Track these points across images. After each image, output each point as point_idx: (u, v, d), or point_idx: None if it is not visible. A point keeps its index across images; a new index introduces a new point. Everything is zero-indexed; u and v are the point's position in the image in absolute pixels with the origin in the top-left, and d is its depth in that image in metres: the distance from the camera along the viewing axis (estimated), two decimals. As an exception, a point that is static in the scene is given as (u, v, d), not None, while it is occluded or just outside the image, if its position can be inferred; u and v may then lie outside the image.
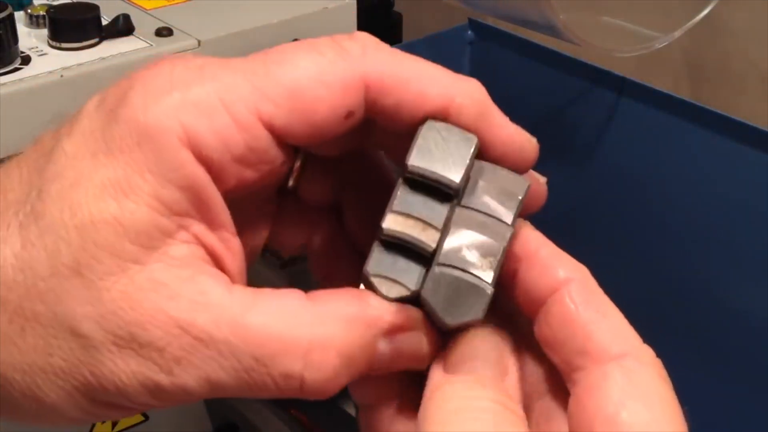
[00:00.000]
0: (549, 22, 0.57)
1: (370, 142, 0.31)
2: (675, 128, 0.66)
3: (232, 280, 0.27)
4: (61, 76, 0.56)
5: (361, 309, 0.27)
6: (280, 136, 0.27)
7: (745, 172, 0.64)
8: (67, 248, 0.26)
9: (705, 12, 0.63)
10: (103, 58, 0.58)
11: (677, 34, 0.64)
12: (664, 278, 0.74)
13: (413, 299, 0.28)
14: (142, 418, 0.84)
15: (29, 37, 0.59)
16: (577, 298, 0.27)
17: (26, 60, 0.56)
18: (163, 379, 0.26)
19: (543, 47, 0.66)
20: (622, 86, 0.68)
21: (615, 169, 0.67)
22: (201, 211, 0.27)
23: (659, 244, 0.72)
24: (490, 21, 0.70)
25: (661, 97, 0.66)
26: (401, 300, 0.28)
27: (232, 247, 0.28)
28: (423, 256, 0.28)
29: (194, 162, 0.26)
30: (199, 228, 0.27)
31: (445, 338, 0.28)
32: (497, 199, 0.28)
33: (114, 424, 0.83)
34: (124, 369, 0.26)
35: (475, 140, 0.28)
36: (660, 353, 0.27)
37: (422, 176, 0.28)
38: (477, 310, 0.27)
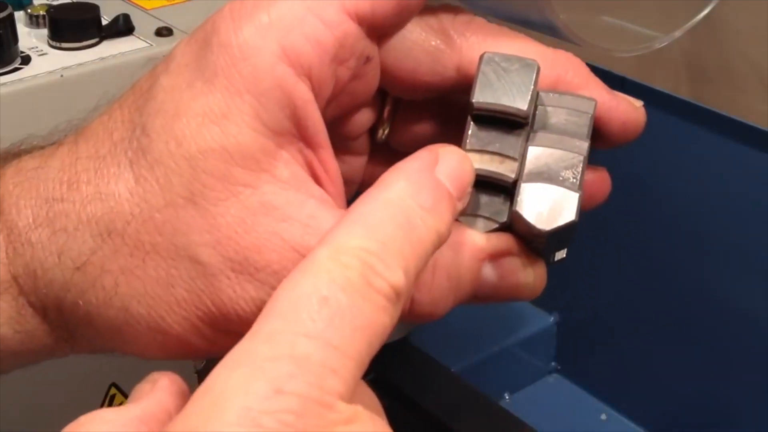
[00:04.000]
0: (549, 22, 0.57)
1: (457, 89, 0.31)
2: (675, 128, 0.66)
3: (334, 202, 0.28)
4: (61, 76, 0.56)
5: (465, 236, 0.28)
6: (368, 23, 0.28)
7: (745, 172, 0.64)
8: (179, 179, 0.26)
9: (705, 12, 0.63)
10: (103, 58, 0.58)
11: (677, 34, 0.64)
12: (664, 277, 0.74)
13: (503, 230, 0.29)
14: (142, 418, 0.84)
15: (29, 37, 0.59)
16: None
17: (26, 60, 0.56)
18: None
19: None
20: (622, 86, 0.68)
21: (615, 169, 0.67)
22: (301, 129, 0.27)
23: (659, 244, 0.72)
24: (490, 21, 0.70)
25: (661, 97, 0.66)
26: (492, 232, 0.28)
27: (330, 169, 0.28)
28: (503, 188, 0.28)
29: (293, 76, 0.27)
30: (299, 147, 0.27)
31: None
32: (568, 119, 0.29)
33: (114, 424, 0.83)
34: (243, 295, 0.26)
35: (535, 65, 0.28)
36: (660, 351, 0.27)
37: (489, 110, 0.28)
38: (570, 212, 0.27)
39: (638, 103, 0.31)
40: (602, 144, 0.31)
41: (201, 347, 0.28)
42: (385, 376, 0.73)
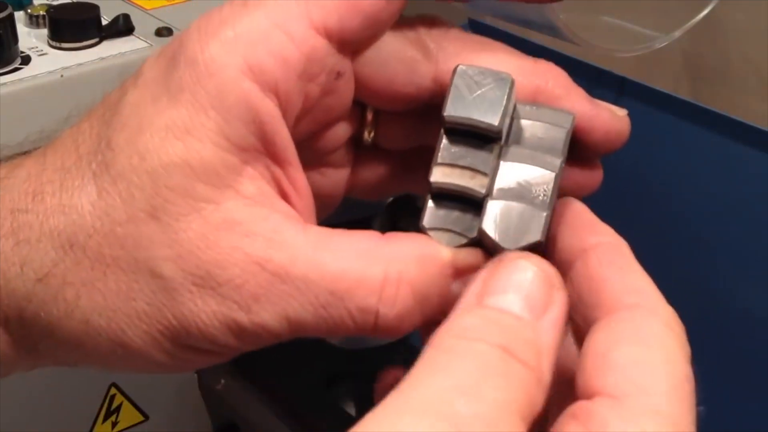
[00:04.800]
0: (549, 22, 0.57)
1: (435, 100, 0.30)
2: (675, 128, 0.66)
3: (302, 218, 0.28)
4: (61, 76, 0.56)
5: (435, 250, 0.27)
6: (337, 39, 0.27)
7: (745, 172, 0.64)
8: (141, 193, 0.26)
9: (705, 12, 0.63)
10: (103, 58, 0.58)
11: (677, 34, 0.64)
12: (664, 277, 0.74)
13: (473, 245, 0.28)
14: (142, 418, 0.84)
15: (29, 37, 0.59)
16: (603, 258, 0.26)
17: (26, 60, 0.56)
18: (242, 317, 0.26)
19: (543, 47, 0.66)
20: (622, 86, 0.68)
21: (615, 169, 0.67)
22: (267, 145, 0.27)
23: (659, 244, 0.72)
24: (490, 21, 0.70)
25: (661, 97, 0.66)
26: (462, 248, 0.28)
27: (299, 186, 0.28)
28: (476, 203, 0.28)
29: (258, 92, 0.26)
30: (266, 163, 0.27)
31: None
32: (545, 133, 0.28)
33: (114, 425, 0.83)
34: (204, 309, 0.26)
35: (509, 80, 0.28)
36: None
37: (460, 124, 0.28)
38: (535, 232, 0.27)
39: (621, 112, 0.31)
40: (586, 154, 0.31)
41: (163, 361, 0.28)
42: (385, 376, 0.73)
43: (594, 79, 0.66)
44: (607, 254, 0.27)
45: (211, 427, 0.88)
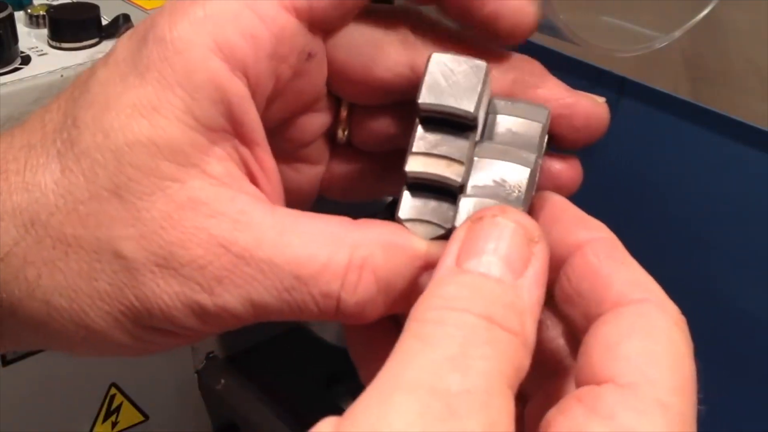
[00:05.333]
0: (549, 22, 0.57)
1: (412, 90, 0.30)
2: (675, 128, 0.66)
3: (270, 200, 0.27)
4: (62, 76, 0.56)
5: (406, 240, 0.27)
6: (308, 18, 0.27)
7: (745, 172, 0.64)
8: (104, 171, 0.26)
9: (705, 12, 0.63)
10: (103, 58, 0.58)
11: (677, 34, 0.64)
12: (664, 277, 0.74)
13: (449, 236, 0.27)
14: (142, 418, 0.84)
15: (29, 37, 0.59)
16: (600, 253, 0.26)
17: (26, 60, 0.56)
18: (205, 299, 0.26)
19: (543, 47, 0.66)
20: (622, 86, 0.68)
21: (615, 169, 0.67)
22: (236, 126, 0.27)
23: (659, 244, 0.72)
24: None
25: (661, 97, 0.66)
26: (438, 239, 0.27)
27: (267, 168, 0.28)
28: (452, 193, 0.27)
29: (227, 72, 0.26)
30: (234, 144, 0.27)
31: None
32: (520, 129, 0.28)
33: (114, 425, 0.83)
34: (166, 290, 0.26)
35: (484, 66, 0.27)
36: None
37: (435, 112, 0.27)
38: None
39: (600, 99, 0.31)
40: (568, 144, 0.30)
41: (126, 343, 0.27)
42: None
43: (594, 79, 0.66)
44: (604, 249, 0.26)
45: (211, 427, 0.88)
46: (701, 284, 0.70)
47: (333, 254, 0.26)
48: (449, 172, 0.27)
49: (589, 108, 0.30)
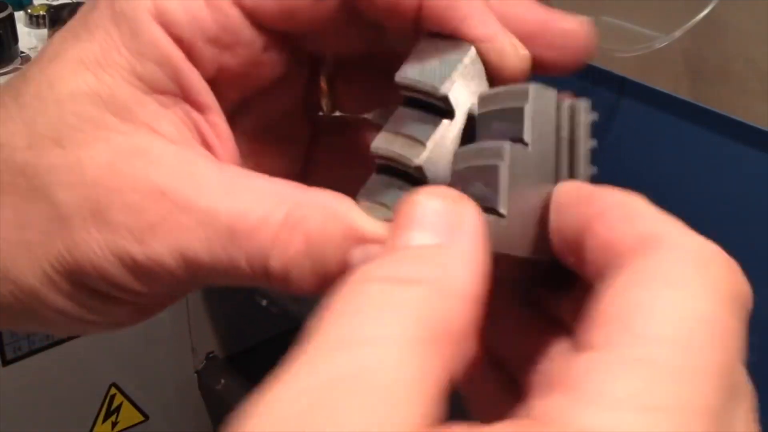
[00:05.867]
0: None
1: (388, 47, 0.29)
2: (675, 128, 0.66)
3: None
4: (61, 76, 0.56)
5: (347, 210, 0.25)
6: (252, 15, 0.27)
7: (745, 172, 0.64)
8: (45, 119, 0.26)
9: (705, 12, 0.63)
10: (103, 58, 0.58)
11: (677, 34, 0.64)
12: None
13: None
14: (142, 418, 0.84)
15: (29, 37, 0.59)
16: (613, 219, 0.23)
17: (26, 60, 0.57)
18: (135, 248, 0.25)
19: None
20: (622, 86, 0.68)
21: (615, 169, 0.67)
22: (184, 90, 0.26)
23: (659, 244, 0.72)
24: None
25: (661, 97, 0.66)
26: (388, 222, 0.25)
27: (220, 132, 0.27)
28: (420, 181, 0.25)
29: (168, 39, 0.26)
30: (186, 110, 0.27)
31: None
32: (500, 122, 0.26)
33: (114, 425, 0.83)
34: (96, 238, 0.25)
35: (469, 48, 0.26)
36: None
37: (407, 88, 0.26)
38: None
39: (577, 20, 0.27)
40: (549, 67, 0.28)
41: (65, 308, 0.26)
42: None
43: (594, 79, 0.66)
44: (616, 213, 0.23)
45: (211, 427, 0.88)
46: (701, 284, 0.70)
47: (270, 211, 0.25)
48: (408, 152, 0.25)
49: (565, 25, 0.27)
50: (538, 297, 0.27)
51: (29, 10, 0.60)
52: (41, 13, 0.60)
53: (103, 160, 0.25)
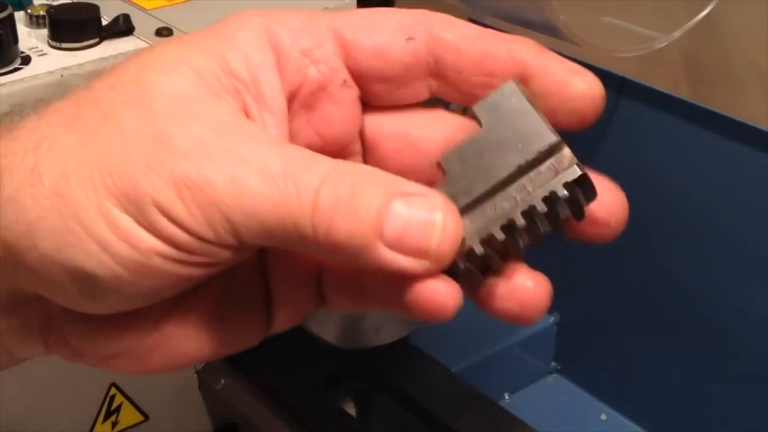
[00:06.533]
0: (549, 22, 0.57)
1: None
2: (675, 128, 0.66)
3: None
4: (61, 76, 0.56)
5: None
6: (348, 52, 0.29)
7: (745, 172, 0.64)
8: (132, 69, 0.27)
9: (705, 12, 0.63)
10: (103, 58, 0.58)
11: (677, 34, 0.64)
12: (664, 277, 0.74)
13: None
14: (142, 418, 0.84)
15: (29, 37, 0.59)
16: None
17: (26, 60, 0.56)
18: (191, 170, 0.25)
19: (543, 47, 0.66)
20: (622, 86, 0.68)
21: (615, 169, 0.67)
22: (255, 89, 0.28)
23: (659, 244, 0.72)
24: (490, 21, 0.70)
25: (661, 97, 0.66)
26: None
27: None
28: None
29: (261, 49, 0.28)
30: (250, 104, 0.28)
31: None
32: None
33: (114, 425, 0.83)
34: (155, 159, 0.26)
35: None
36: (660, 351, 0.27)
37: None
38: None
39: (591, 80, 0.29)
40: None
41: (102, 233, 0.26)
42: (385, 376, 0.74)
43: (594, 79, 0.66)
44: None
45: (211, 427, 0.88)
46: (700, 283, 0.70)
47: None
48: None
49: (578, 88, 0.29)
50: None
51: (29, 10, 0.60)
52: (41, 13, 0.60)
53: (175, 93, 0.26)
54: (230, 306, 0.30)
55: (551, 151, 0.26)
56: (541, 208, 0.26)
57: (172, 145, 0.25)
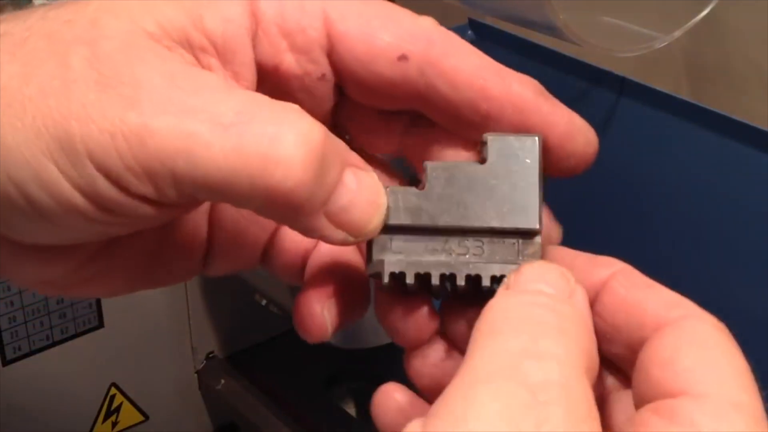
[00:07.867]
0: (549, 22, 0.57)
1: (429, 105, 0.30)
2: (675, 128, 0.66)
3: None
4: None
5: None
6: (332, 43, 0.28)
7: (745, 172, 0.64)
8: (94, 8, 0.26)
9: (705, 12, 0.63)
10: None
11: (677, 34, 0.64)
12: (664, 277, 0.73)
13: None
14: (142, 418, 0.84)
15: (29, 37, 0.59)
16: (624, 284, 0.27)
17: (26, 60, 0.56)
18: (130, 116, 0.24)
19: (543, 47, 0.66)
20: (622, 86, 0.68)
21: (615, 169, 0.67)
22: (224, 56, 0.27)
23: (659, 244, 0.72)
24: (490, 21, 0.70)
25: (661, 97, 0.66)
26: None
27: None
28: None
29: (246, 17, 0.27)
30: (215, 63, 0.27)
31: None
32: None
33: (114, 425, 0.83)
34: (92, 103, 0.24)
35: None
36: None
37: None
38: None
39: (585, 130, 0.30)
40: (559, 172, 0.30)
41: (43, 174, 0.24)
42: (385, 376, 0.73)
43: (594, 79, 0.66)
44: (626, 280, 0.28)
45: (211, 427, 0.88)
46: (700, 284, 0.70)
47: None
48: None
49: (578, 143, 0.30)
50: None
51: (29, 10, 0.60)
52: (41, 13, 0.59)
53: (123, 42, 0.25)
54: (167, 247, 0.30)
55: (526, 234, 0.27)
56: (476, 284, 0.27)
57: (115, 91, 0.24)
